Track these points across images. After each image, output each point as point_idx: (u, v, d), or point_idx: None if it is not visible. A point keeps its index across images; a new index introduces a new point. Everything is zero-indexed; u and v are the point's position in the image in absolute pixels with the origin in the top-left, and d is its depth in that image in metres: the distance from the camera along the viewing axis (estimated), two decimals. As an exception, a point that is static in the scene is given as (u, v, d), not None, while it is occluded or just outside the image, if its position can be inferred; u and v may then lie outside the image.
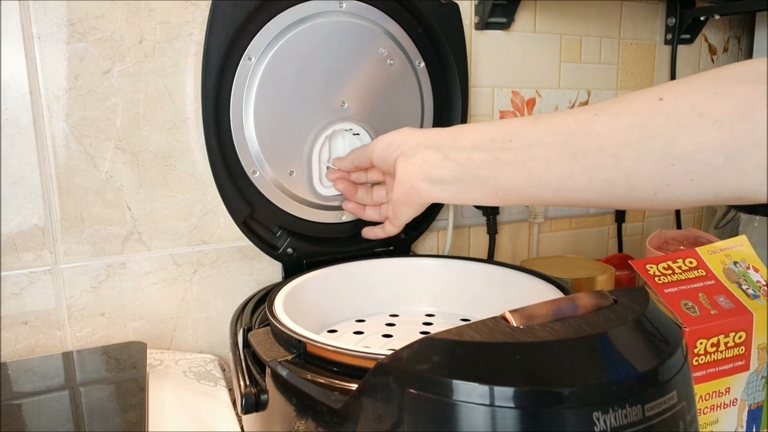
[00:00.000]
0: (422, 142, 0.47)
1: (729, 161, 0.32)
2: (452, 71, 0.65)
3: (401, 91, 0.63)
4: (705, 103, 0.33)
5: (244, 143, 0.56)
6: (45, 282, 0.56)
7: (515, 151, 0.41)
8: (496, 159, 0.42)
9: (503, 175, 0.42)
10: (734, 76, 0.33)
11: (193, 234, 0.62)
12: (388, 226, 0.58)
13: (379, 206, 0.60)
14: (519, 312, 0.30)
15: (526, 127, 0.41)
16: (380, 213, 0.60)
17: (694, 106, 0.33)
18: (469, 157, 0.44)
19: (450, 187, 0.45)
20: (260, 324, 0.49)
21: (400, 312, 0.59)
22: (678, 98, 0.34)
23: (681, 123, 0.33)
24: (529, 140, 0.40)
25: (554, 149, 0.39)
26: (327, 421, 0.34)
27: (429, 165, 0.46)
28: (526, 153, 0.40)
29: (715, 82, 0.33)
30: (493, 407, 0.26)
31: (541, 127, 0.40)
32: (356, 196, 0.60)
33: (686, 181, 0.34)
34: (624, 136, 0.36)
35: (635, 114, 0.35)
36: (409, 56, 0.62)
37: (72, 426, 0.42)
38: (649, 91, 0.36)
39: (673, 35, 0.88)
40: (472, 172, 0.44)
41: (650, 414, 0.28)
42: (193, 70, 0.59)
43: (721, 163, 0.32)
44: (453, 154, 0.45)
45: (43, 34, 0.53)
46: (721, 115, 0.32)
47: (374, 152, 0.53)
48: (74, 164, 0.56)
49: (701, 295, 0.47)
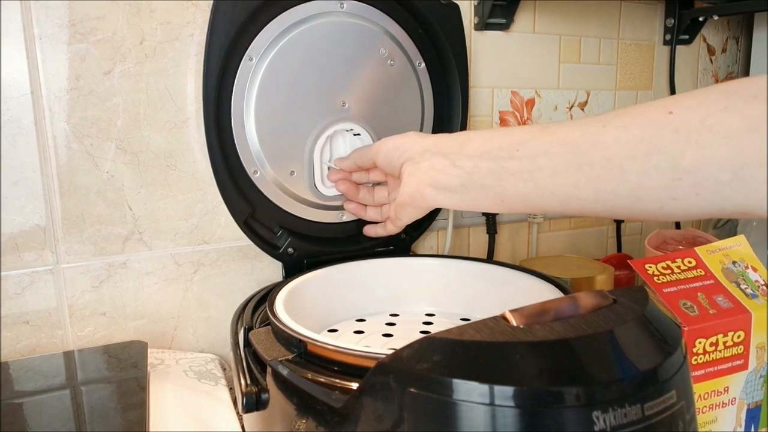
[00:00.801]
0: (429, 148, 0.47)
1: (735, 177, 0.32)
2: (452, 71, 0.65)
3: (402, 92, 0.63)
4: (714, 118, 0.33)
5: (245, 143, 0.57)
6: (46, 281, 0.56)
7: (521, 161, 0.41)
8: (502, 168, 0.42)
9: (509, 185, 0.42)
10: (745, 91, 0.33)
11: (194, 234, 0.62)
12: (389, 225, 0.58)
13: (381, 207, 0.60)
14: (519, 311, 0.31)
15: (533, 137, 0.41)
16: (381, 213, 0.60)
17: (703, 121, 0.33)
18: (476, 165, 0.44)
19: (456, 194, 0.46)
20: (261, 323, 0.49)
21: (400, 312, 0.59)
22: (687, 112, 0.34)
23: (689, 137, 0.33)
24: (535, 150, 0.40)
25: (560, 160, 0.39)
26: (327, 420, 0.34)
27: (436, 171, 0.46)
28: (533, 163, 0.40)
29: (726, 97, 0.33)
30: (493, 406, 0.27)
31: (548, 137, 0.40)
32: (358, 197, 0.60)
33: (692, 195, 0.34)
34: (631, 148, 0.35)
35: (643, 127, 0.35)
36: (410, 57, 0.63)
37: (73, 425, 0.42)
38: (658, 104, 0.36)
39: (671, 36, 0.88)
40: (479, 180, 0.44)
41: (649, 413, 0.28)
42: (194, 70, 0.59)
43: (728, 178, 0.32)
44: (460, 162, 0.45)
45: (45, 34, 0.53)
46: (729, 130, 0.32)
47: (379, 154, 0.53)
48: (75, 164, 0.56)
49: (700, 294, 0.48)
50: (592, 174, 0.37)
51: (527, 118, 0.80)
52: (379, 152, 0.53)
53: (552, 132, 0.40)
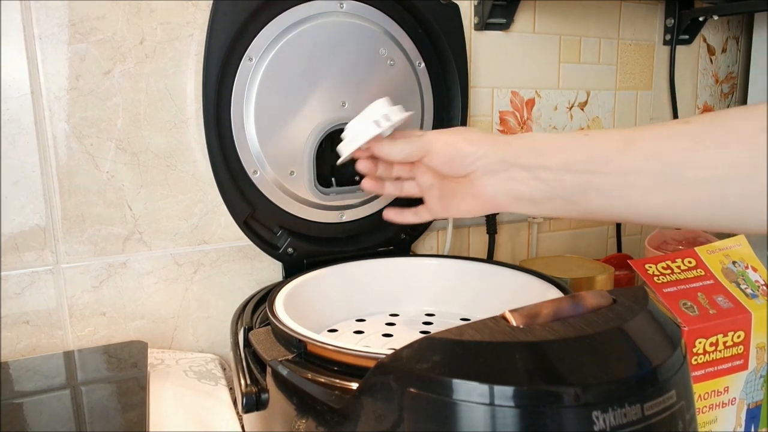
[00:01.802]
0: (506, 158, 0.45)
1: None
2: (452, 72, 0.65)
3: (401, 92, 0.63)
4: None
5: (244, 143, 0.57)
6: (46, 281, 0.56)
7: (609, 177, 0.39)
8: (589, 184, 0.40)
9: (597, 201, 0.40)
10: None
11: (194, 234, 0.62)
12: (424, 213, 0.53)
13: (400, 182, 0.54)
14: (519, 312, 0.31)
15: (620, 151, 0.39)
16: (402, 189, 0.54)
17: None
18: (559, 178, 0.41)
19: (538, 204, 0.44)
20: (261, 323, 0.49)
21: (400, 312, 0.59)
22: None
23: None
24: (624, 167, 0.38)
25: (654, 179, 0.37)
26: (327, 420, 0.34)
27: (516, 183, 0.44)
28: (623, 180, 0.38)
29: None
30: (493, 406, 0.27)
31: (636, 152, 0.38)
32: (376, 173, 0.53)
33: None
34: (732, 169, 0.34)
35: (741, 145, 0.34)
36: (409, 57, 0.63)
37: (73, 425, 0.42)
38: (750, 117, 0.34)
39: (671, 36, 0.88)
40: (563, 194, 0.42)
41: (649, 413, 0.28)
42: (194, 70, 0.59)
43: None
44: (542, 174, 0.42)
45: (45, 34, 0.53)
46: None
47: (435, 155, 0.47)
48: (75, 164, 0.56)
49: (700, 294, 0.48)
50: (688, 194, 0.36)
51: (527, 118, 0.80)
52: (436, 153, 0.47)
53: (639, 146, 0.38)
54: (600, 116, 0.86)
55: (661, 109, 0.92)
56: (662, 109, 0.92)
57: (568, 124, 0.83)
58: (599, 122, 0.86)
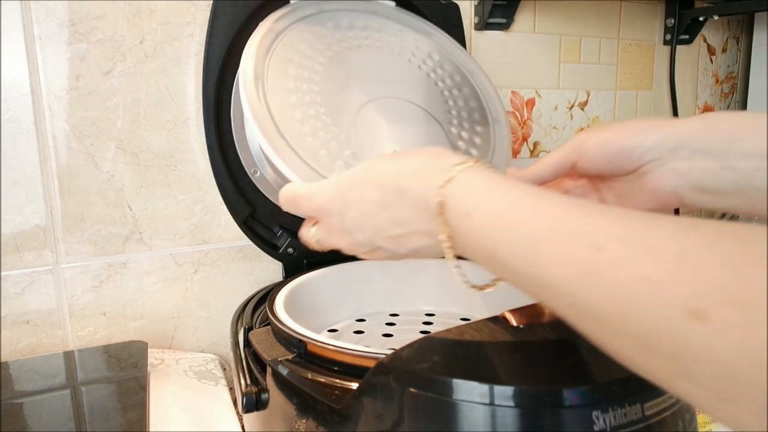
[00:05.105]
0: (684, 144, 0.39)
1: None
2: (452, 71, 0.65)
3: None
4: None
5: (244, 143, 0.56)
6: (46, 281, 0.56)
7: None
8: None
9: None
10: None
11: (194, 234, 0.62)
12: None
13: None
14: (519, 312, 0.31)
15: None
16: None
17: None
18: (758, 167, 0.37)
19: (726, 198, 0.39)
20: (261, 323, 0.49)
21: (400, 312, 0.59)
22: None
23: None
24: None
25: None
26: (327, 420, 0.34)
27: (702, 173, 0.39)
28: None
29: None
30: (493, 406, 0.27)
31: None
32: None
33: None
34: None
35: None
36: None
37: (73, 425, 0.42)
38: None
39: (672, 36, 0.88)
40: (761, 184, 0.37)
41: (649, 413, 0.28)
42: (194, 70, 0.59)
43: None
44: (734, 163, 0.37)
45: (45, 34, 0.53)
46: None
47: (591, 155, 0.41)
48: (75, 164, 0.56)
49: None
50: None
51: (527, 118, 0.80)
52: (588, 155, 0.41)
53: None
54: (600, 116, 0.86)
55: (661, 109, 0.92)
56: (662, 109, 0.92)
57: (568, 124, 0.83)
58: (599, 122, 0.86)
